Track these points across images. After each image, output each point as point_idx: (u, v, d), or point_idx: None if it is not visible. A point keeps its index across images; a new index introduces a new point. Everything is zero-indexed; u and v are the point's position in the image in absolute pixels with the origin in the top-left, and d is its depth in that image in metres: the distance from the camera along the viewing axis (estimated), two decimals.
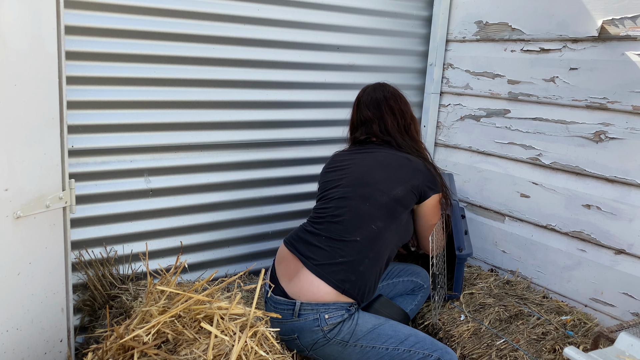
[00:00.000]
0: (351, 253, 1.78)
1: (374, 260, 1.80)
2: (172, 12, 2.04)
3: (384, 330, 1.79)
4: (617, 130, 2.09)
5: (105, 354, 1.35)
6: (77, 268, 2.03)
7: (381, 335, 1.77)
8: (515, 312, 2.12)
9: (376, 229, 1.80)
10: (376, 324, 1.80)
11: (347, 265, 1.77)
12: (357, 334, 1.76)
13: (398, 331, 1.80)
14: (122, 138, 2.06)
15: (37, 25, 1.47)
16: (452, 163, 2.80)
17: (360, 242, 1.79)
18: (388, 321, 1.84)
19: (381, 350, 1.76)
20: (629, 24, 2.01)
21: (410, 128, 2.04)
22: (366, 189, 1.85)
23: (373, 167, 1.90)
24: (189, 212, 2.28)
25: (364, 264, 1.78)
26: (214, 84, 2.21)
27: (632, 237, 2.08)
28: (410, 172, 1.88)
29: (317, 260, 1.78)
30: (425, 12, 2.74)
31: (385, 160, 1.91)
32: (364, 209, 1.82)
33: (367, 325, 1.79)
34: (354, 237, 1.79)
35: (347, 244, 1.79)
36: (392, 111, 2.02)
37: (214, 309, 1.37)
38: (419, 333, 1.83)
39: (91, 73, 1.94)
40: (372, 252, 1.79)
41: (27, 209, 1.51)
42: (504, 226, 2.56)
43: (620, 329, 1.59)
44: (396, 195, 1.84)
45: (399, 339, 1.77)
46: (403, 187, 1.85)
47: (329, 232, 1.82)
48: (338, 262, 1.77)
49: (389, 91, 2.06)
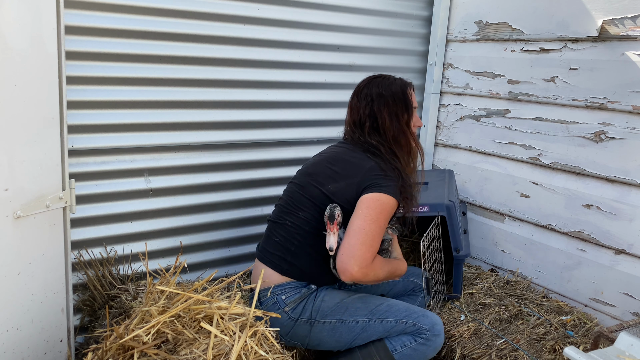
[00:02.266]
0: (283, 235, 1.82)
1: (303, 244, 1.79)
2: (172, 12, 2.04)
3: (352, 303, 1.75)
4: (617, 130, 2.09)
5: (105, 354, 1.35)
6: (77, 268, 2.03)
7: (349, 309, 1.74)
8: (515, 312, 2.12)
9: (302, 217, 1.80)
10: (344, 297, 1.77)
11: (281, 247, 1.81)
12: (323, 311, 1.73)
13: (368, 302, 1.77)
14: (122, 138, 2.06)
15: (37, 25, 1.47)
16: (452, 163, 2.80)
17: (290, 226, 1.82)
18: (358, 293, 1.81)
19: (351, 324, 1.72)
20: (629, 24, 2.01)
21: (385, 128, 1.84)
22: (305, 179, 1.86)
23: (322, 161, 1.88)
24: (189, 212, 2.28)
25: (294, 246, 1.79)
26: (214, 84, 2.21)
27: (632, 237, 2.08)
28: (353, 169, 1.78)
29: (265, 249, 1.85)
30: (425, 12, 2.74)
31: (336, 156, 1.86)
32: (297, 197, 1.85)
33: (334, 300, 1.76)
34: (284, 220, 1.84)
35: (281, 226, 1.85)
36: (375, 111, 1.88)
37: (214, 308, 1.37)
38: (392, 301, 1.80)
39: (91, 73, 1.94)
40: (300, 236, 1.79)
41: (27, 209, 1.51)
42: (504, 226, 2.56)
43: (620, 329, 1.59)
44: (329, 190, 1.77)
45: (369, 309, 1.74)
46: (338, 184, 1.77)
47: (273, 215, 1.90)
48: (275, 242, 1.83)
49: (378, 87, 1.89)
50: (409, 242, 2.62)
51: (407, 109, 1.86)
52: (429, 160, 2.90)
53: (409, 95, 1.88)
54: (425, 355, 1.76)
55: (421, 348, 1.74)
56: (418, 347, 1.74)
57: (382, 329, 1.74)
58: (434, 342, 1.76)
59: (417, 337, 1.75)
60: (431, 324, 1.76)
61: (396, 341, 1.75)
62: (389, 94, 1.85)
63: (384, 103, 1.84)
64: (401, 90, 1.87)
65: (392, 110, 1.84)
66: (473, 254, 2.70)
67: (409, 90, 1.89)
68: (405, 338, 1.75)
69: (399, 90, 1.87)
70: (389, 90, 1.86)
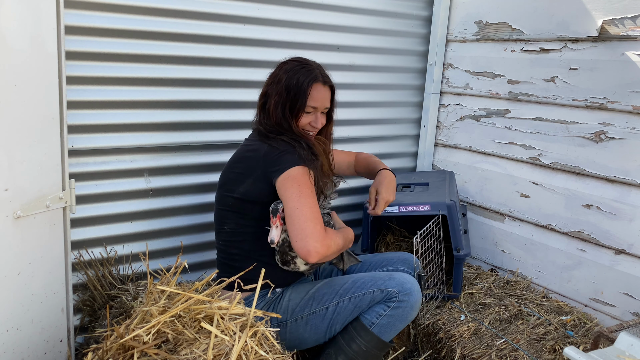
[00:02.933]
0: (223, 255, 1.83)
1: (243, 255, 1.77)
2: (172, 12, 2.04)
3: (318, 291, 1.73)
4: (617, 130, 2.09)
5: (105, 353, 1.35)
6: (77, 268, 2.03)
7: (316, 298, 1.72)
8: (515, 312, 2.12)
9: (229, 230, 1.78)
10: (309, 288, 1.75)
11: (228, 266, 1.81)
12: (292, 309, 1.71)
13: (333, 285, 1.74)
14: (122, 138, 2.06)
15: (37, 25, 1.46)
16: (452, 163, 2.80)
17: (223, 244, 1.82)
18: (322, 281, 1.78)
19: (322, 312, 1.70)
20: (629, 24, 2.01)
21: (270, 112, 1.76)
22: (218, 192, 1.82)
23: (226, 168, 1.82)
24: (189, 212, 2.28)
25: (237, 261, 1.78)
26: (214, 84, 2.21)
27: (632, 237, 2.08)
28: (252, 163, 1.71)
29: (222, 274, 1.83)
30: (425, 12, 2.74)
31: (236, 157, 1.81)
32: (217, 213, 1.83)
33: (300, 294, 1.74)
34: (218, 242, 1.85)
35: (218, 249, 1.86)
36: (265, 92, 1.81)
37: (214, 308, 1.37)
38: (357, 275, 1.77)
39: (91, 73, 1.94)
40: (236, 249, 1.78)
41: (27, 209, 1.51)
42: (504, 226, 2.56)
43: (620, 329, 1.59)
44: (240, 193, 1.72)
45: (335, 291, 1.71)
46: (246, 184, 1.71)
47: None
48: (222, 264, 1.85)
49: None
50: (409, 242, 2.61)
51: (294, 105, 1.73)
52: (428, 160, 2.90)
53: (307, 92, 1.73)
54: (405, 318, 1.70)
55: (397, 312, 1.68)
56: (393, 313, 1.68)
57: (352, 306, 1.69)
58: (408, 302, 1.68)
59: (389, 302, 1.68)
60: (399, 284, 1.69)
61: (370, 314, 1.69)
62: (286, 83, 1.73)
63: (277, 91, 1.74)
64: (298, 83, 1.72)
65: (281, 99, 1.73)
66: (473, 254, 2.70)
67: (311, 88, 1.74)
68: (378, 308, 1.69)
69: (295, 83, 1.73)
70: (289, 80, 1.74)
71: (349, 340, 1.72)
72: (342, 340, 1.74)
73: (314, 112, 1.78)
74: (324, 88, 1.78)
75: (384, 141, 2.79)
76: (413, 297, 1.69)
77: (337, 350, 1.74)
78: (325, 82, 1.79)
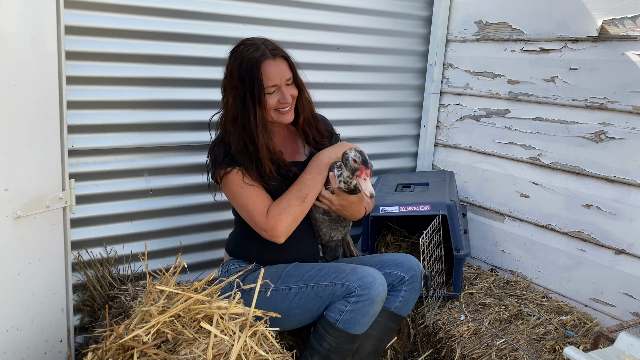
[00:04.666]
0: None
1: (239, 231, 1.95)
2: (172, 12, 2.04)
3: (287, 272, 1.76)
4: (617, 130, 2.09)
5: (105, 353, 1.35)
6: (76, 268, 2.03)
7: (282, 277, 1.75)
8: (515, 312, 2.12)
9: (233, 213, 1.95)
10: (283, 268, 1.79)
11: (230, 236, 2.02)
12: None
13: (301, 269, 1.76)
14: (122, 138, 2.06)
15: (37, 25, 1.47)
16: (452, 163, 2.80)
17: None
18: (296, 264, 1.82)
19: (284, 292, 1.72)
20: (629, 24, 2.01)
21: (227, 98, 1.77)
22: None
23: None
24: (189, 212, 2.28)
25: (234, 234, 1.99)
26: (214, 84, 2.20)
27: (632, 237, 2.08)
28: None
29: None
30: (425, 12, 2.74)
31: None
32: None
33: (270, 271, 1.79)
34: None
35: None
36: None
37: (214, 308, 1.37)
38: (325, 264, 1.78)
39: (91, 73, 1.94)
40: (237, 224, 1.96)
41: (27, 209, 1.51)
42: (504, 226, 2.56)
43: (620, 329, 1.59)
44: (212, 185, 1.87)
45: (300, 276, 1.73)
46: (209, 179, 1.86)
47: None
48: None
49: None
50: (409, 242, 2.62)
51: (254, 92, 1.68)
52: (428, 160, 2.90)
53: (260, 74, 1.67)
54: (367, 312, 1.68)
55: (357, 307, 1.66)
56: (354, 308, 1.67)
57: (314, 294, 1.70)
58: (368, 296, 1.65)
59: (349, 297, 1.67)
60: (359, 278, 1.66)
61: (333, 311, 1.69)
62: (238, 73, 1.70)
63: (232, 85, 1.72)
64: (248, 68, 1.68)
65: (239, 92, 1.70)
66: (473, 254, 2.70)
67: (262, 67, 1.68)
68: (339, 303, 1.68)
69: (245, 70, 1.69)
70: (239, 68, 1.70)
71: (320, 339, 1.74)
72: (314, 340, 1.77)
73: (277, 89, 1.72)
74: (275, 62, 1.71)
75: (384, 141, 2.79)
76: (373, 291, 1.66)
77: (312, 350, 1.77)
78: (274, 55, 1.72)
